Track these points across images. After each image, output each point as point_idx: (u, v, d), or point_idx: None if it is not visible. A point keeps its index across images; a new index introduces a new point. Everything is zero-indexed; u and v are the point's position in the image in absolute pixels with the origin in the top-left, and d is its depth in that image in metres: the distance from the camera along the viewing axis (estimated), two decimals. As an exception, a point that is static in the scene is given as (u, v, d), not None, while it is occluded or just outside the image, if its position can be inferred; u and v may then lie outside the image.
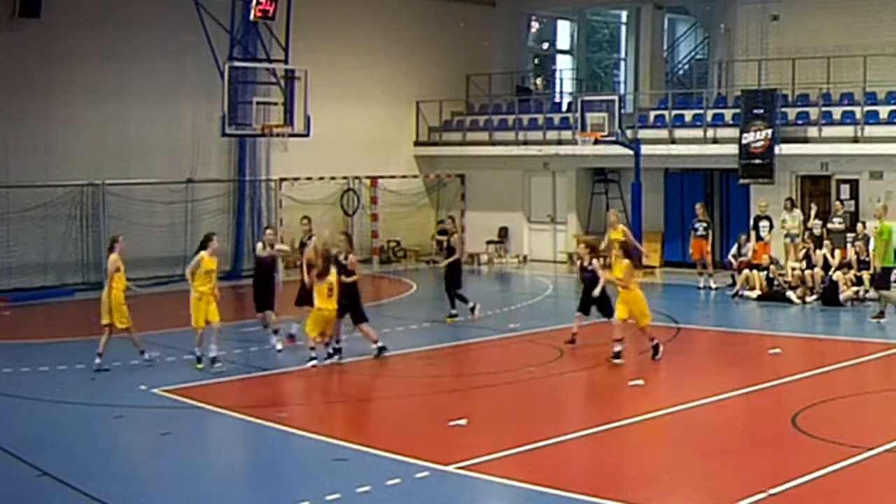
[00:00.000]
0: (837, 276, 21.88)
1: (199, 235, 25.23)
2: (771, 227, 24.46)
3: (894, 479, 10.70)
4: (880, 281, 20.20)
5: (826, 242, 22.74)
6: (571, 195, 31.06)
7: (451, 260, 20.43)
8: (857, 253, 22.19)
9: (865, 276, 21.86)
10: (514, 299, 23.01)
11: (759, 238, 24.43)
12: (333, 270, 16.19)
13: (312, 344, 16.28)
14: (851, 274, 21.97)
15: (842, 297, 21.67)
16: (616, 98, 28.19)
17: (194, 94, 27.50)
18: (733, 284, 24.19)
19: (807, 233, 23.70)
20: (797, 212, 24.71)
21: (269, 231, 18.31)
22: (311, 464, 11.81)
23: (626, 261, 16.65)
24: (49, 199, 25.26)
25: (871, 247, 21.38)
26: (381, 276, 28.77)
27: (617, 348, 16.30)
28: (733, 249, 25.03)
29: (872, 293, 22.26)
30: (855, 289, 21.73)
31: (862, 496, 10.23)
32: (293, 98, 25.71)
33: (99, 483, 10.86)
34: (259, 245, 18.29)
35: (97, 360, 15.99)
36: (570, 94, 35.23)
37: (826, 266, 22.09)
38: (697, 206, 25.47)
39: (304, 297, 16.94)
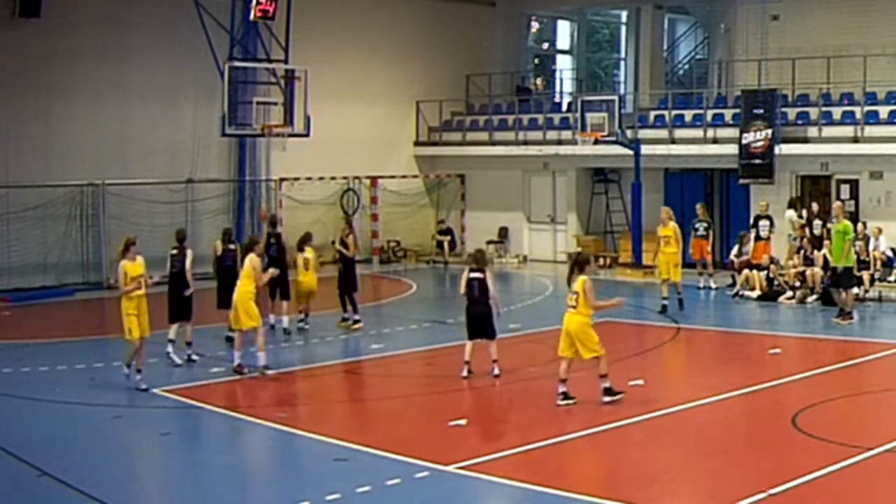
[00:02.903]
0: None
1: (199, 235, 25.44)
2: (771, 226, 24.45)
3: (894, 479, 10.70)
4: (843, 280, 20.16)
5: (826, 242, 22.71)
6: (571, 195, 31.05)
7: (346, 254, 20.04)
8: (857, 253, 22.16)
9: (865, 275, 21.87)
10: (514, 299, 22.96)
11: (758, 238, 24.42)
12: (310, 248, 19.00)
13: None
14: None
15: (841, 296, 21.65)
16: (616, 98, 28.16)
17: (194, 94, 27.50)
18: (733, 284, 24.20)
19: (807, 234, 23.69)
20: (804, 212, 24.69)
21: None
22: (311, 464, 11.82)
23: None
24: (49, 199, 25.26)
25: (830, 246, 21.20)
26: (381, 276, 28.75)
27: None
28: (734, 249, 25.01)
29: (872, 293, 22.29)
30: (855, 289, 21.69)
31: (862, 496, 10.23)
32: (293, 98, 25.72)
33: (99, 483, 10.86)
34: (218, 243, 18.26)
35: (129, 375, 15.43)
36: (570, 94, 35.19)
37: (826, 266, 22.06)
38: (698, 206, 25.43)
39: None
